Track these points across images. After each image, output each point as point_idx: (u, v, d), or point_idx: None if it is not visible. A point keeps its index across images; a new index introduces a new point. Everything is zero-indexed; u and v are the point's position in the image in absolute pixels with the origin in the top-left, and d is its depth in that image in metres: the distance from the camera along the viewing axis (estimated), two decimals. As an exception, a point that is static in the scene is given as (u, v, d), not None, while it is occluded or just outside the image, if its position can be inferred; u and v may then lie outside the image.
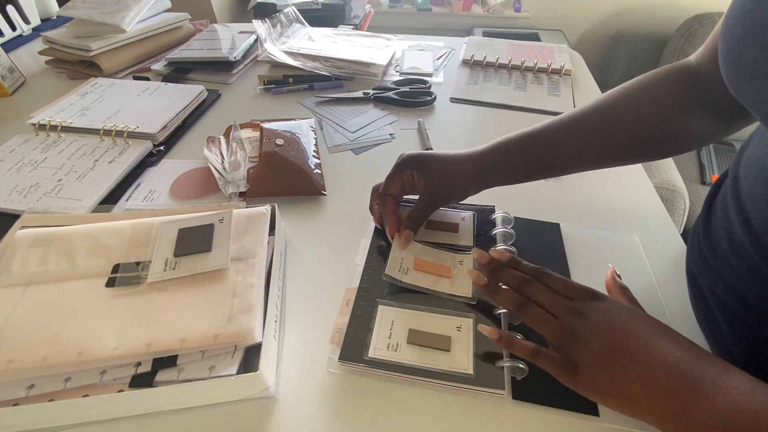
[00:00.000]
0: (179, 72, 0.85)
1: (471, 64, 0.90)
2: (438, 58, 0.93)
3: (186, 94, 0.74)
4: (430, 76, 0.86)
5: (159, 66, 0.86)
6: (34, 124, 0.65)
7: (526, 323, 0.37)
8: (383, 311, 0.41)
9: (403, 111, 0.75)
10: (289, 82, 0.81)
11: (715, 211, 0.41)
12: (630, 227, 0.53)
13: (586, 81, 0.87)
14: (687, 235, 0.48)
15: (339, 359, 0.37)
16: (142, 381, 0.34)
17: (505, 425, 0.34)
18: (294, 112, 0.74)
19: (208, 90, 0.78)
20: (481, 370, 0.37)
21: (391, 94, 0.76)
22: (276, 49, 0.87)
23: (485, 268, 0.41)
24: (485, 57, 0.89)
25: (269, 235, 0.45)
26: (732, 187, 0.38)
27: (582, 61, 0.95)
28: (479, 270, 0.41)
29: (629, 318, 0.33)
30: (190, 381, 0.34)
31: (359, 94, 0.78)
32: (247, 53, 0.90)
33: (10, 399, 0.33)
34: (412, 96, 0.77)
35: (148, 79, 0.82)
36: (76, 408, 0.33)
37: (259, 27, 0.88)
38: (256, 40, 0.92)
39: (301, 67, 0.83)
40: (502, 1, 1.94)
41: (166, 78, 0.83)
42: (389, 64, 0.88)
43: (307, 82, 0.81)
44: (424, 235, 0.49)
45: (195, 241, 0.42)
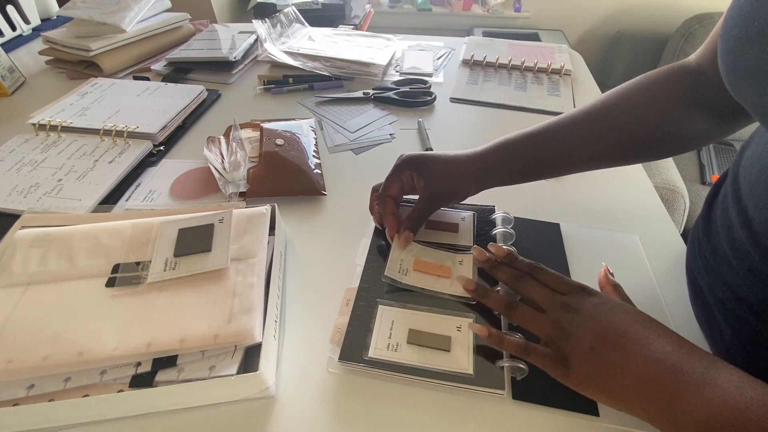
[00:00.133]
0: (179, 72, 0.85)
1: (471, 64, 0.90)
2: (438, 58, 0.93)
3: (186, 94, 0.74)
4: (430, 76, 0.86)
5: (159, 66, 0.86)
6: (34, 124, 0.65)
7: (515, 323, 0.37)
8: (383, 311, 0.41)
9: (403, 111, 0.75)
10: (289, 82, 0.81)
11: (716, 212, 0.41)
12: (630, 227, 0.53)
13: (586, 81, 0.87)
14: (687, 235, 0.48)
15: (339, 359, 0.37)
16: (142, 381, 0.34)
17: (505, 425, 0.35)
18: (294, 112, 0.74)
19: (208, 90, 0.77)
20: (481, 370, 0.37)
21: (391, 94, 0.76)
22: (276, 49, 0.87)
23: (484, 265, 0.42)
24: (485, 57, 0.89)
25: (269, 235, 0.45)
26: (732, 187, 0.38)
27: (582, 61, 0.95)
28: (478, 268, 0.41)
29: (620, 313, 0.33)
30: (190, 381, 0.34)
31: (359, 94, 0.78)
32: (247, 53, 0.90)
33: (10, 399, 0.33)
34: (412, 96, 0.77)
35: (148, 79, 0.82)
36: (76, 408, 0.33)
37: (259, 27, 0.88)
38: (256, 40, 0.92)
39: (301, 67, 0.83)
40: (502, 1, 1.94)
41: (166, 78, 0.83)
42: (389, 64, 0.88)
43: (307, 82, 0.81)
44: (424, 235, 0.49)
45: (195, 241, 0.43)
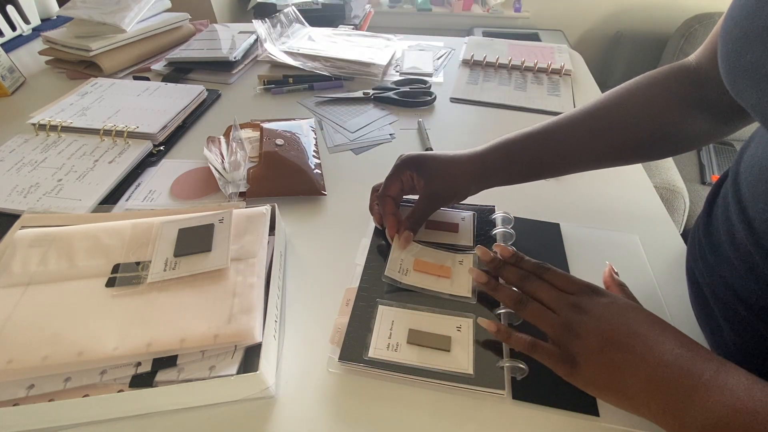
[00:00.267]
0: (179, 72, 0.85)
1: (471, 64, 0.90)
2: (438, 58, 0.93)
3: (186, 94, 0.74)
4: (430, 76, 0.86)
5: (159, 66, 0.86)
6: (34, 124, 0.65)
7: (525, 319, 0.37)
8: (383, 311, 0.41)
9: (403, 111, 0.75)
10: (289, 82, 0.81)
11: (716, 211, 0.41)
12: (630, 227, 0.53)
13: (586, 81, 0.87)
14: (687, 235, 0.48)
15: (339, 359, 0.37)
16: (142, 381, 0.34)
17: (505, 425, 0.34)
18: (294, 112, 0.74)
19: (208, 90, 0.77)
20: (481, 370, 0.37)
21: (391, 94, 0.76)
22: (276, 49, 0.87)
23: (488, 265, 0.41)
24: (485, 57, 0.89)
25: (269, 235, 0.45)
26: (733, 187, 0.38)
27: (582, 61, 0.95)
28: (481, 268, 0.41)
29: (629, 313, 0.33)
30: (190, 381, 0.34)
31: (359, 94, 0.78)
32: (247, 53, 0.90)
33: (10, 399, 0.33)
34: (412, 96, 0.77)
35: (148, 79, 0.82)
36: (76, 408, 0.33)
37: (259, 27, 0.88)
38: (256, 40, 0.92)
39: (301, 67, 0.83)
40: (502, 1, 1.94)
41: (166, 78, 0.83)
42: (389, 64, 0.88)
43: (307, 82, 0.81)
44: (424, 235, 0.49)
45: (195, 241, 0.43)
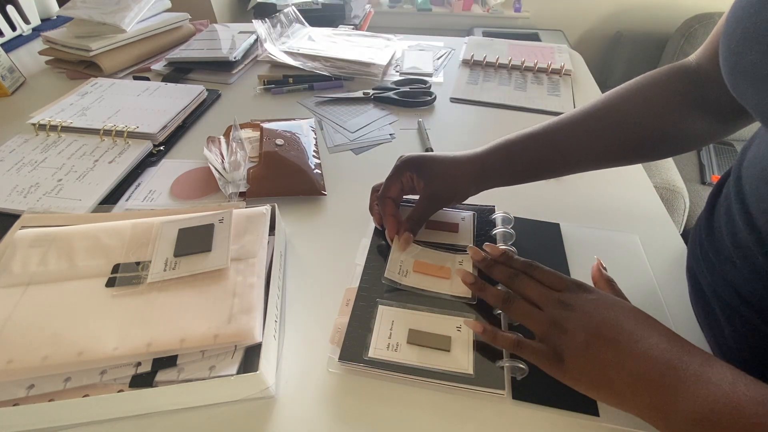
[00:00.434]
0: (179, 72, 0.85)
1: (471, 64, 0.90)
2: (438, 58, 0.93)
3: (186, 94, 0.74)
4: (430, 76, 0.86)
5: (159, 66, 0.86)
6: (34, 124, 0.65)
7: (511, 317, 0.37)
8: (383, 311, 0.41)
9: (403, 111, 0.75)
10: (289, 82, 0.81)
11: (718, 211, 0.41)
12: (630, 227, 0.53)
13: (586, 81, 0.87)
14: (687, 235, 0.48)
15: (339, 359, 0.37)
16: (142, 381, 0.34)
17: (505, 425, 0.34)
18: (294, 112, 0.74)
19: (208, 90, 0.77)
20: (481, 370, 0.37)
21: (391, 94, 0.76)
22: (276, 49, 0.87)
23: (480, 264, 0.42)
24: (485, 57, 0.89)
25: (269, 235, 0.45)
26: (735, 187, 0.38)
27: (582, 61, 0.95)
28: (478, 269, 0.41)
29: (615, 309, 0.33)
30: (190, 381, 0.34)
31: (359, 94, 0.78)
32: (247, 53, 0.90)
33: (10, 399, 0.33)
34: (412, 96, 0.77)
35: (148, 79, 0.82)
36: (76, 408, 0.33)
37: (259, 27, 0.88)
38: (256, 40, 0.92)
39: (301, 67, 0.83)
40: (502, 1, 1.94)
41: (166, 78, 0.83)
42: (389, 64, 0.88)
43: (307, 82, 0.81)
44: (424, 235, 0.49)
45: (195, 241, 0.42)
